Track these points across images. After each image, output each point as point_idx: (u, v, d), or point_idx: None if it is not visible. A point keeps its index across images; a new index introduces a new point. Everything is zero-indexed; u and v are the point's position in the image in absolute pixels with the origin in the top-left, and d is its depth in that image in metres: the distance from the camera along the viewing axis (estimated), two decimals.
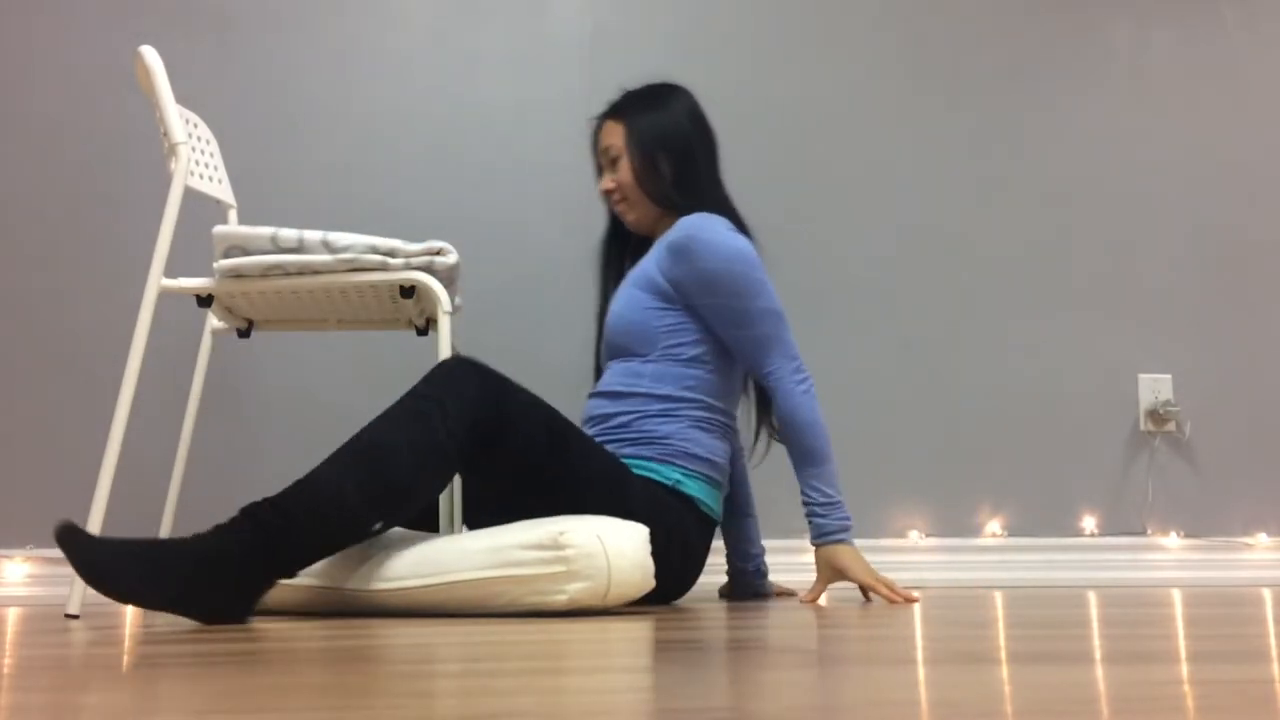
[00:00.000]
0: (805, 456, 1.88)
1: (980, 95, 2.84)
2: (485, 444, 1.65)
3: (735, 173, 2.76)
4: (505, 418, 1.67)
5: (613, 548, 1.61)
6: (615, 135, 1.99)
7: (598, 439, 1.89)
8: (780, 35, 2.80)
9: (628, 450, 1.86)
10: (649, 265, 1.95)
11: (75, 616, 1.71)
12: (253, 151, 2.54)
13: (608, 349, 1.98)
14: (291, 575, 1.55)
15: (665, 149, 1.97)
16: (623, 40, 2.75)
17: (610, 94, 2.09)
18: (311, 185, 2.60)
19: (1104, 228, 2.83)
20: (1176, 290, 2.82)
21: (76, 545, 1.40)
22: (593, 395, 1.97)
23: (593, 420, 1.94)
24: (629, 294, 1.94)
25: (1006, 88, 2.85)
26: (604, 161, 2.02)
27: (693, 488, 1.86)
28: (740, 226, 1.99)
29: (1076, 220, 2.82)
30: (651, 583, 1.69)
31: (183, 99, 2.01)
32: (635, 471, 1.82)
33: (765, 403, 2.07)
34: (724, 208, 2.01)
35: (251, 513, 1.50)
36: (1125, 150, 2.85)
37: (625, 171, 1.98)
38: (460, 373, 1.66)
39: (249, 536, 1.47)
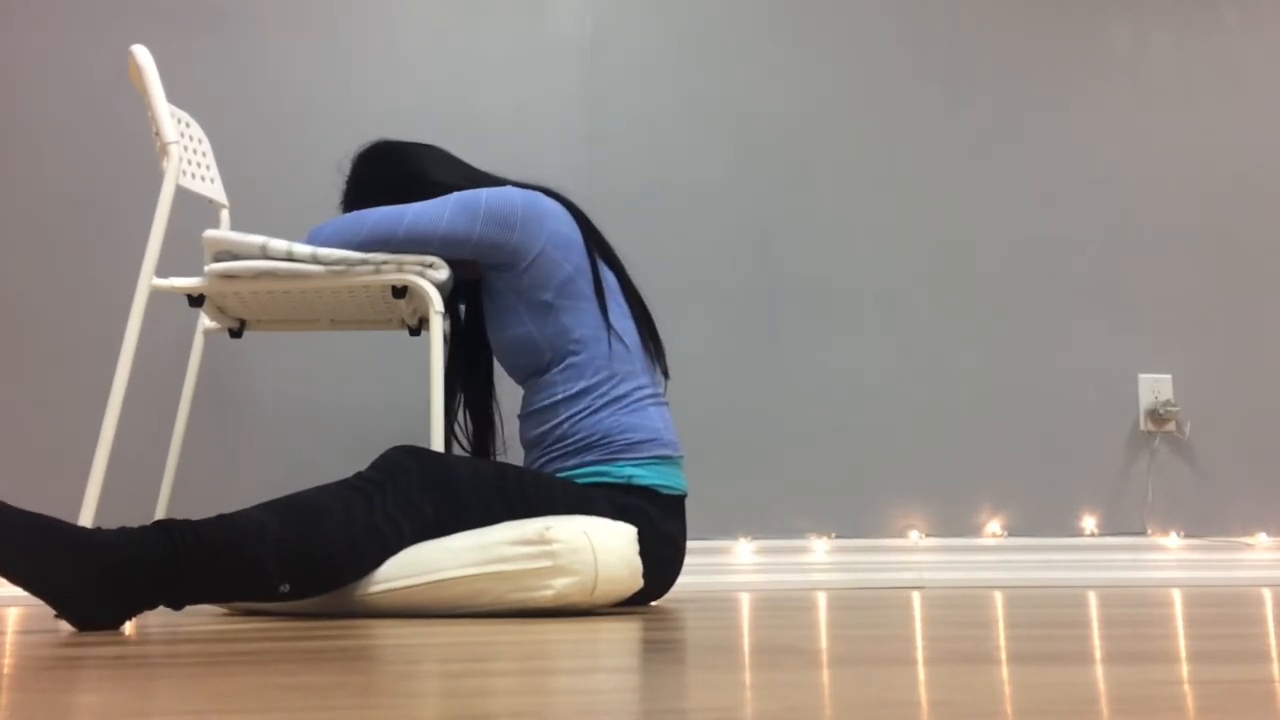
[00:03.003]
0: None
1: (980, 95, 2.84)
2: (445, 523, 1.66)
3: (735, 172, 2.77)
4: (455, 496, 1.68)
5: (599, 543, 1.62)
6: None
7: (542, 460, 1.88)
8: (780, 35, 2.80)
9: (573, 462, 1.84)
10: (491, 278, 1.93)
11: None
12: (251, 152, 2.54)
13: (515, 372, 1.96)
14: (179, 607, 1.48)
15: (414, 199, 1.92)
16: (623, 41, 2.75)
17: (610, 93, 2.09)
18: (309, 186, 2.59)
19: (1104, 228, 2.83)
20: (1176, 290, 2.82)
21: None
22: (523, 418, 1.94)
23: (530, 444, 1.93)
24: (499, 318, 1.91)
25: (1006, 88, 2.85)
26: None
27: (647, 476, 1.83)
28: (536, 187, 1.94)
29: (1077, 220, 2.82)
30: (639, 581, 1.69)
31: (179, 98, 2.01)
32: (588, 480, 1.81)
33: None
34: (498, 181, 1.98)
35: (167, 529, 1.44)
36: (1125, 150, 2.85)
37: None
38: (405, 462, 1.65)
39: (157, 552, 1.41)
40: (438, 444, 1.81)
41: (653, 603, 1.93)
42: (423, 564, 1.62)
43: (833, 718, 0.67)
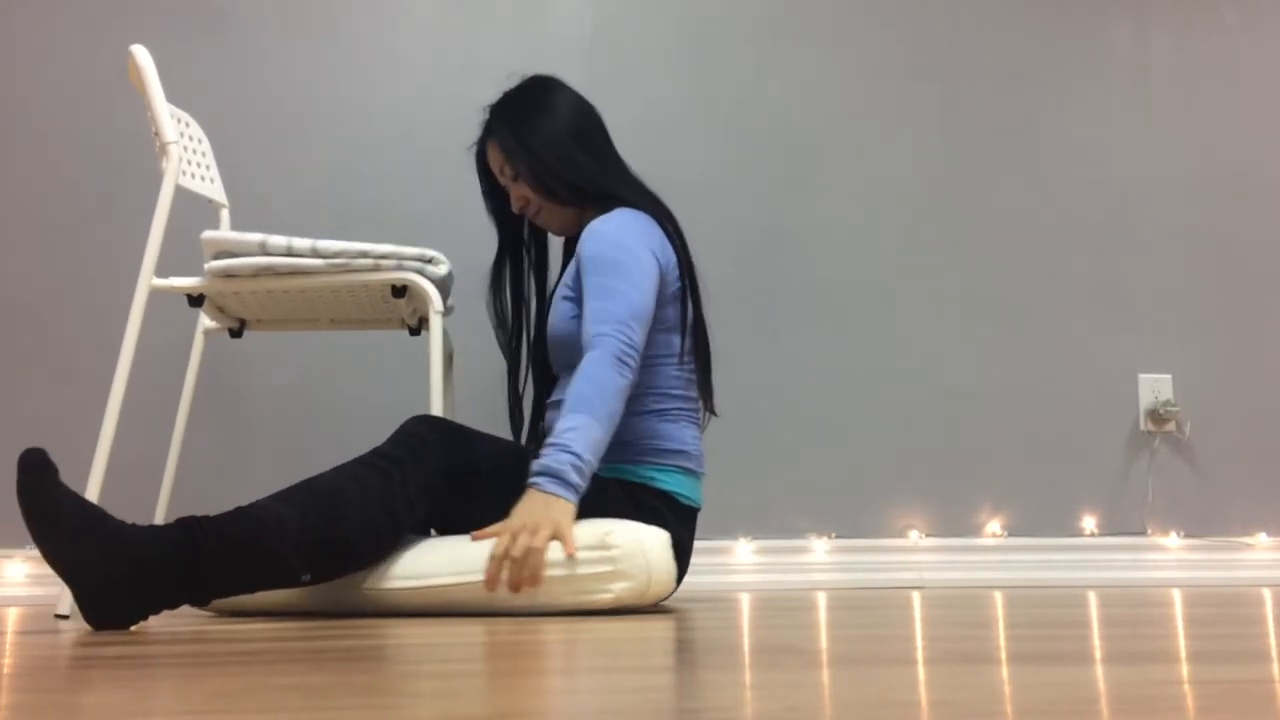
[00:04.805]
0: (573, 400, 1.69)
1: (980, 95, 2.83)
2: (459, 498, 1.68)
3: (735, 172, 2.77)
4: (473, 471, 1.69)
5: (649, 548, 1.66)
6: (497, 155, 1.95)
7: None
8: (780, 35, 2.80)
9: None
10: (570, 266, 1.92)
11: (65, 617, 1.70)
12: (250, 151, 2.54)
13: (554, 361, 1.96)
14: (204, 604, 1.51)
15: (548, 149, 1.91)
16: (623, 40, 2.74)
17: (610, 94, 2.09)
18: (310, 185, 2.59)
19: (1104, 228, 2.82)
20: (1176, 290, 2.82)
21: (39, 486, 1.37)
22: (551, 406, 1.94)
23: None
24: (557, 306, 1.91)
25: (1006, 88, 2.84)
26: (505, 183, 1.97)
27: (667, 482, 1.84)
28: (654, 206, 1.93)
29: (1076, 220, 2.82)
30: (674, 584, 1.73)
31: (179, 98, 2.01)
32: (607, 475, 1.81)
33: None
34: (629, 185, 1.96)
35: (189, 527, 1.46)
36: (1125, 150, 2.85)
37: (524, 186, 1.93)
38: (424, 434, 1.66)
39: (177, 552, 1.44)
40: None
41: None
42: (475, 562, 1.62)
43: (833, 718, 0.67)
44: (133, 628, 1.44)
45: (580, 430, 1.64)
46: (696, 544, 1.94)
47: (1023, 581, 2.61)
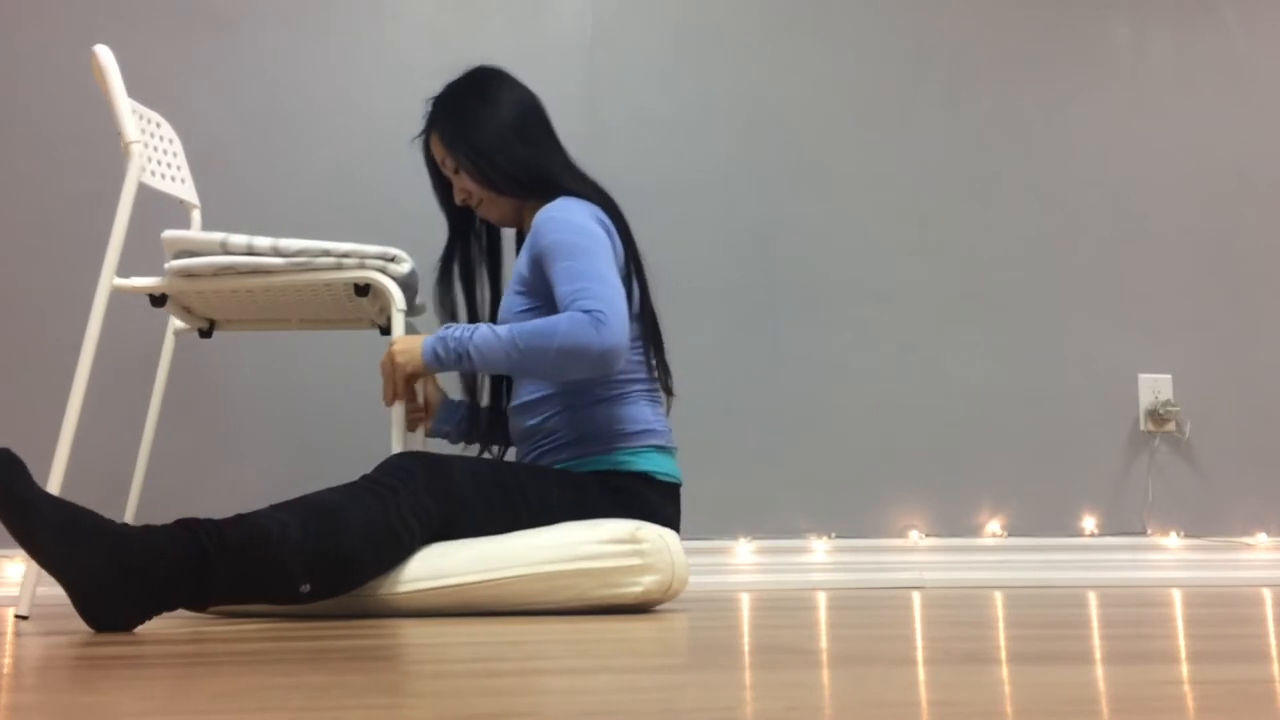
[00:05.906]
0: (520, 326, 1.75)
1: (980, 95, 2.84)
2: (449, 525, 1.69)
3: (735, 172, 2.77)
4: (457, 498, 1.70)
5: (671, 544, 1.71)
6: (439, 148, 1.95)
7: (534, 454, 1.89)
8: (780, 35, 2.80)
9: (566, 454, 1.85)
10: (520, 260, 1.91)
11: (25, 618, 1.68)
12: (246, 153, 2.53)
13: None
14: (202, 608, 1.51)
15: (487, 141, 1.90)
16: (623, 40, 2.74)
17: (610, 93, 2.09)
18: (309, 186, 2.59)
19: (1104, 228, 2.82)
20: (1176, 290, 2.82)
21: (9, 484, 1.35)
22: (514, 411, 1.93)
23: (521, 437, 1.92)
24: (507, 300, 1.91)
25: (1006, 88, 2.84)
26: (449, 175, 1.97)
27: (642, 462, 1.84)
28: (596, 194, 1.92)
29: (1076, 220, 2.82)
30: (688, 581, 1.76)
31: (178, 98, 2.00)
32: (584, 470, 1.82)
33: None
34: (572, 175, 1.95)
35: (190, 528, 1.46)
36: (1125, 150, 2.85)
37: (465, 178, 1.93)
38: (410, 468, 1.67)
39: (183, 551, 1.43)
40: (397, 442, 1.81)
41: None
42: (495, 559, 1.64)
43: (833, 718, 0.67)
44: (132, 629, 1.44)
45: (491, 335, 1.74)
46: (696, 544, 1.94)
47: (1023, 581, 2.61)
